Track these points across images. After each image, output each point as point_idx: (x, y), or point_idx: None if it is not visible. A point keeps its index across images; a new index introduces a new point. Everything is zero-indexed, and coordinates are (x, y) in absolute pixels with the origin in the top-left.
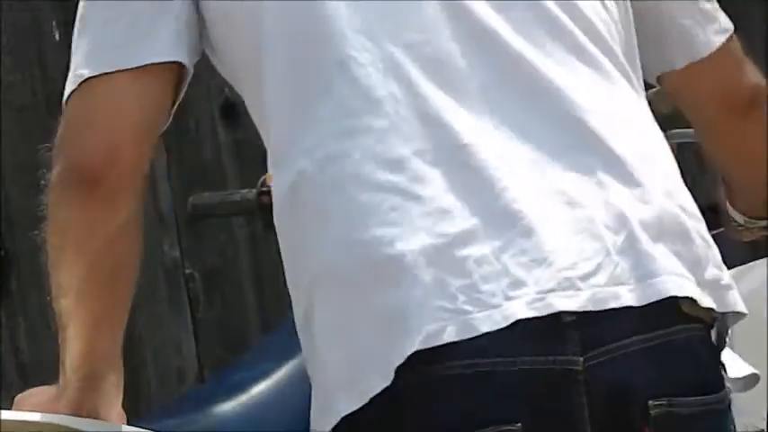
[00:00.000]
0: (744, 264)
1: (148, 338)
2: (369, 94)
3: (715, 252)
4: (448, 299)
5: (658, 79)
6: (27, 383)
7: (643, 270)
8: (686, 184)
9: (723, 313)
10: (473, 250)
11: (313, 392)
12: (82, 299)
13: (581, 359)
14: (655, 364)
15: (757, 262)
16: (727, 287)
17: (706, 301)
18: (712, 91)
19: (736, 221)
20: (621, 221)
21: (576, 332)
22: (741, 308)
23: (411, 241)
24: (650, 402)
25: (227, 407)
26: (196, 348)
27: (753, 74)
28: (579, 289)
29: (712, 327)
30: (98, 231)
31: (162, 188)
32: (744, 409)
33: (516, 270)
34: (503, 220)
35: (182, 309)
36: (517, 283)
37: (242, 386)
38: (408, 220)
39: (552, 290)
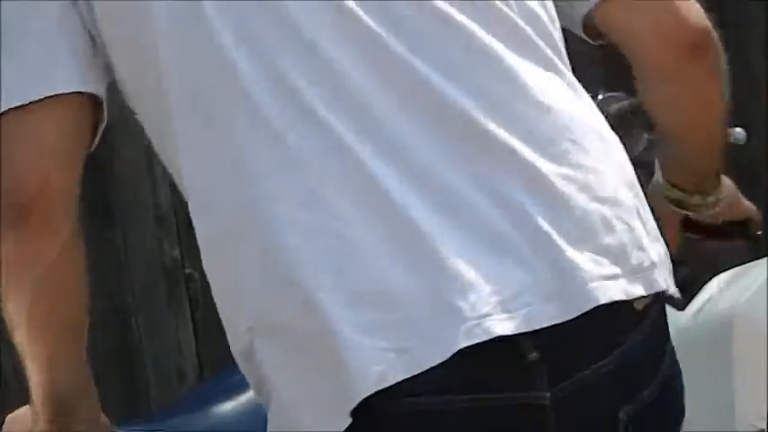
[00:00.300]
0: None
1: (148, 339)
2: (276, 133)
3: (637, 234)
4: (387, 339)
5: (592, 33)
6: (23, 386)
7: (570, 281)
8: None
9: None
10: (403, 285)
11: (270, 416)
12: (32, 330)
13: (548, 394)
14: (620, 381)
15: (757, 262)
16: (652, 267)
17: (636, 290)
18: (650, 29)
19: (660, 186)
20: (540, 235)
21: (543, 368)
22: (665, 285)
23: (340, 285)
24: (620, 415)
25: (227, 407)
26: (196, 348)
27: (698, 15)
28: (511, 311)
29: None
30: (35, 261)
31: (162, 188)
32: (744, 408)
33: (449, 299)
34: (424, 254)
35: (182, 309)
36: (452, 312)
37: (242, 386)
38: (335, 262)
39: (488, 314)
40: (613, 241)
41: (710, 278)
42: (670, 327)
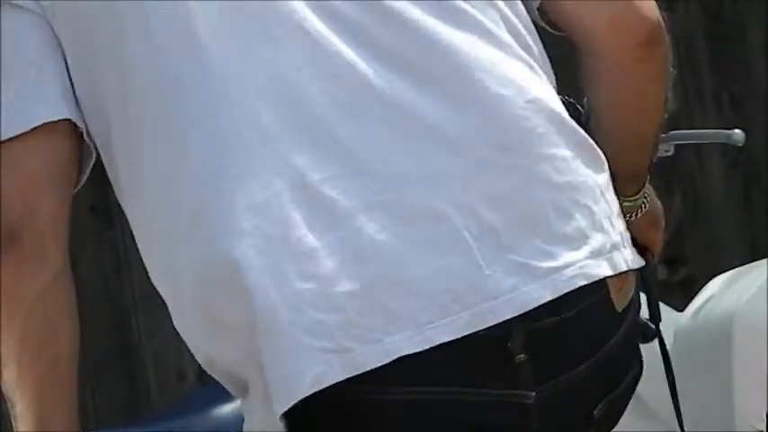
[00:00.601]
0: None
1: (148, 339)
2: (225, 143)
3: (597, 216)
4: (327, 339)
5: (548, 20)
6: None
7: (516, 278)
8: (685, 185)
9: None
10: (344, 288)
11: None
12: (21, 368)
13: (533, 394)
14: (598, 382)
15: (758, 262)
16: (614, 248)
17: (602, 271)
18: (600, 19)
19: None
20: (487, 234)
21: (529, 368)
22: (632, 264)
23: (283, 287)
24: (594, 412)
25: (228, 408)
26: None
27: (650, 7)
28: (455, 313)
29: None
30: (25, 291)
31: None
32: (744, 409)
33: (390, 303)
34: (367, 254)
35: None
36: (393, 318)
37: None
38: (279, 265)
39: (430, 322)
40: (570, 229)
41: (710, 278)
42: (670, 327)
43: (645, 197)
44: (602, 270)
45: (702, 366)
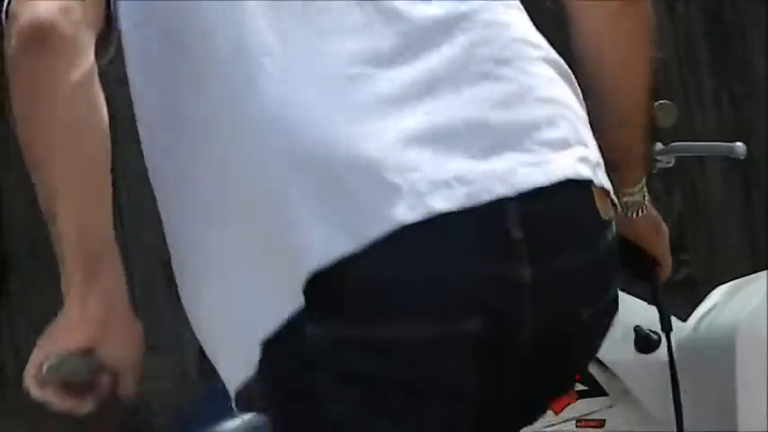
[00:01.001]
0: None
1: (148, 337)
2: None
3: (579, 133)
4: (332, 212)
5: None
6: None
7: (511, 165)
8: (685, 186)
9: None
10: (348, 166)
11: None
12: (61, 162)
13: (528, 272)
14: (589, 281)
15: (759, 274)
16: (597, 165)
17: (583, 171)
18: None
19: None
20: (485, 127)
21: (524, 247)
22: (610, 189)
23: (294, 171)
24: (583, 315)
25: (233, 425)
26: (198, 347)
27: None
28: (454, 188)
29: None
30: (60, 80)
31: None
32: (747, 420)
33: (392, 178)
34: (375, 133)
35: (182, 307)
36: (395, 190)
37: None
38: (290, 149)
39: (430, 192)
40: (557, 136)
41: (710, 279)
42: (671, 336)
43: (644, 193)
44: (588, 173)
45: (705, 377)
